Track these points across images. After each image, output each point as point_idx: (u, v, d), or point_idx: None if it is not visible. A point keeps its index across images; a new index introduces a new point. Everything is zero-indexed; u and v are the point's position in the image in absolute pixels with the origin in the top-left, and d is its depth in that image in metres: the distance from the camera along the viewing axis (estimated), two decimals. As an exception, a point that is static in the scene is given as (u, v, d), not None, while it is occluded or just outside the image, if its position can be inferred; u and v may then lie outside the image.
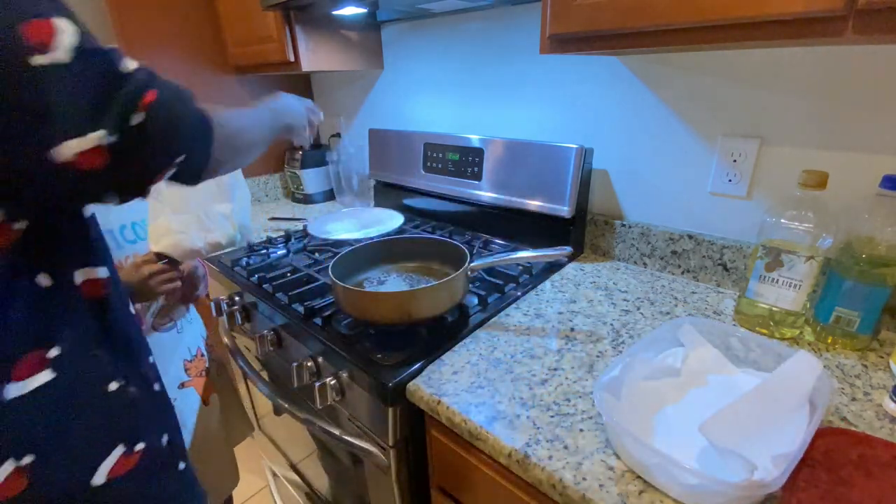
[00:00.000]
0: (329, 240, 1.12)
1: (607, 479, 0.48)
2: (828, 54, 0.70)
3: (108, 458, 0.47)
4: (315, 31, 1.23)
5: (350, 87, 1.58)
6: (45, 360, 0.42)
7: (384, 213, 1.30)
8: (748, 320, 0.74)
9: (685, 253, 0.92)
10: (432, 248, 0.90)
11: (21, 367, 0.40)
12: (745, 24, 0.52)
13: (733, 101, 0.81)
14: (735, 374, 0.61)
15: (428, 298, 0.71)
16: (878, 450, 0.47)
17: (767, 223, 0.68)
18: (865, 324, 0.65)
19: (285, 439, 1.18)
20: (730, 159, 0.83)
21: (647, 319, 0.78)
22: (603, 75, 0.96)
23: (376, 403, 0.68)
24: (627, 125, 0.96)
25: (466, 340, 0.73)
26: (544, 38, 0.70)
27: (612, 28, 0.61)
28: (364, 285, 0.85)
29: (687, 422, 0.54)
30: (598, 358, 0.68)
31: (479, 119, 1.23)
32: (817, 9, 0.46)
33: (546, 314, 0.81)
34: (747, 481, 0.42)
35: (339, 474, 0.95)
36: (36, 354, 0.41)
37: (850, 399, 0.58)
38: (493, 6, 1.06)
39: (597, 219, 1.03)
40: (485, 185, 1.12)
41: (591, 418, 0.57)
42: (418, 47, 1.30)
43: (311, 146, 1.64)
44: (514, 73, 1.11)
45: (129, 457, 0.48)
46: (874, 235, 0.63)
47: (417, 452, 0.73)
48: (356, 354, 0.70)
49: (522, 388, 0.62)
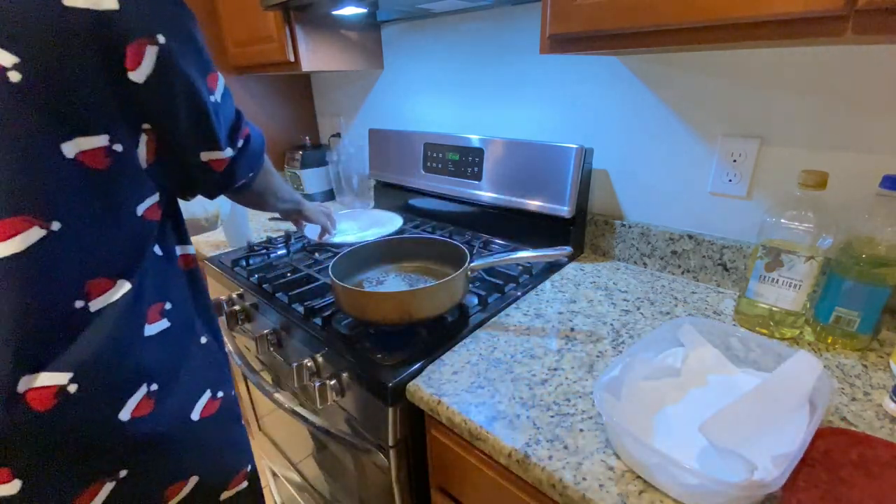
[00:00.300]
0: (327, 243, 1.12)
1: (607, 479, 0.48)
2: (828, 54, 0.70)
3: (201, 398, 0.57)
4: (315, 31, 1.23)
5: (350, 87, 1.58)
6: (163, 311, 0.54)
7: (383, 215, 1.29)
8: (748, 320, 0.74)
9: (685, 253, 0.92)
10: (432, 248, 0.90)
11: (151, 313, 0.52)
12: (746, 24, 0.52)
13: (733, 100, 0.81)
14: (735, 374, 0.61)
15: (428, 298, 0.71)
16: (878, 450, 0.47)
17: (767, 223, 0.68)
18: (865, 324, 0.65)
19: (285, 439, 1.18)
20: (730, 159, 0.83)
21: (647, 319, 0.78)
22: (603, 75, 0.96)
23: (376, 403, 0.68)
24: (627, 125, 0.96)
25: (466, 340, 0.73)
26: (544, 38, 0.70)
27: (613, 28, 0.61)
28: (364, 285, 0.85)
29: (687, 422, 0.54)
30: (598, 358, 0.68)
31: (479, 119, 1.23)
32: (817, 9, 0.46)
33: (546, 314, 0.81)
34: (747, 481, 0.42)
35: (339, 474, 0.95)
36: (158, 306, 0.53)
37: (850, 399, 0.58)
38: (493, 6, 1.06)
39: (597, 219, 1.03)
40: (485, 185, 1.12)
41: (591, 418, 0.57)
42: (418, 47, 1.30)
43: (311, 146, 1.64)
44: (514, 73, 1.11)
45: (214, 401, 0.59)
46: (874, 235, 0.63)
47: (417, 452, 0.73)
48: (356, 354, 0.70)
49: (522, 388, 0.62)
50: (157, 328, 0.52)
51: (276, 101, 1.68)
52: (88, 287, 0.46)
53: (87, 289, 0.46)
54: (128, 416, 0.49)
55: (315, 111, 1.80)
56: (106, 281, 0.47)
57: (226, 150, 0.56)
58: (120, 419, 0.48)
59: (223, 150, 0.55)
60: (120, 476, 0.50)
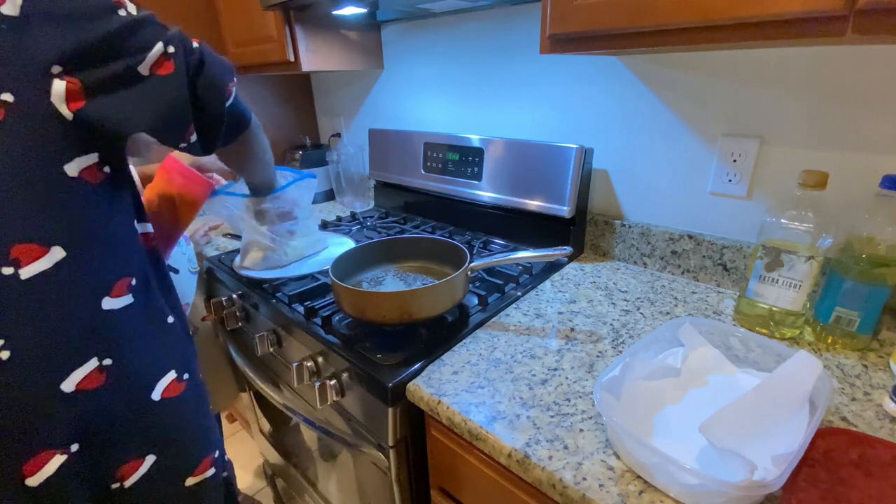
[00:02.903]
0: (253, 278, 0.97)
1: (607, 479, 0.48)
2: (828, 54, 0.70)
3: (163, 378, 0.56)
4: (315, 31, 1.23)
5: (350, 87, 1.58)
6: (130, 287, 0.53)
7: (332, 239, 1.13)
8: (748, 320, 0.74)
9: (685, 253, 0.92)
10: (432, 248, 0.90)
11: (117, 287, 0.52)
12: (746, 24, 0.52)
13: (733, 101, 0.81)
14: (735, 374, 0.61)
15: (428, 298, 0.71)
16: (878, 450, 0.47)
17: (767, 223, 0.68)
18: (865, 324, 0.65)
19: (285, 439, 1.18)
20: (730, 159, 0.83)
21: (647, 319, 0.78)
22: (603, 75, 0.96)
23: (376, 403, 0.68)
24: (627, 125, 0.96)
25: (466, 340, 0.73)
26: (544, 38, 0.69)
27: (612, 28, 0.61)
28: (364, 285, 0.85)
29: (687, 422, 0.54)
30: (598, 358, 0.68)
31: (479, 119, 1.23)
32: (817, 9, 0.46)
33: (546, 314, 0.81)
34: (747, 481, 0.42)
35: (339, 474, 0.95)
36: (125, 280, 0.53)
37: (850, 399, 0.58)
38: (493, 6, 1.06)
39: (597, 219, 1.03)
40: (485, 185, 1.12)
41: (591, 418, 0.57)
42: (418, 47, 1.30)
43: (311, 146, 1.64)
44: (514, 73, 1.11)
45: (179, 383, 0.58)
46: (874, 235, 0.63)
47: (417, 452, 0.73)
48: (356, 354, 0.70)
49: (522, 388, 0.62)
50: (119, 303, 0.52)
51: (276, 101, 1.68)
52: (14, 252, 0.45)
53: (13, 254, 0.45)
54: (72, 388, 0.48)
55: (315, 111, 1.80)
56: (36, 248, 0.46)
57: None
58: (62, 389, 0.48)
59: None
60: (71, 450, 0.49)
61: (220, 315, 1.01)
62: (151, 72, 0.49)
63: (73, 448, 0.50)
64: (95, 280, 0.50)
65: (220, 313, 1.00)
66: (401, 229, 1.21)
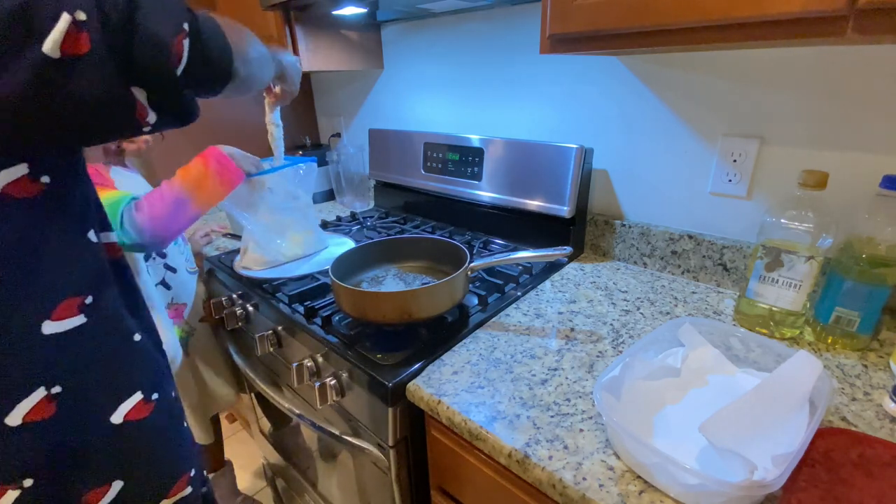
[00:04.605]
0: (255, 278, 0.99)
1: (607, 479, 0.48)
2: (828, 54, 0.70)
3: (127, 401, 0.52)
4: (315, 31, 1.23)
5: (350, 87, 1.58)
6: (81, 306, 0.47)
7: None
8: (748, 320, 0.74)
9: (685, 253, 0.92)
10: (432, 248, 0.90)
11: (60, 309, 0.46)
12: (746, 24, 0.52)
13: (733, 100, 0.81)
14: (735, 374, 0.61)
15: (428, 298, 0.71)
16: (878, 450, 0.47)
17: (767, 223, 0.68)
18: (865, 324, 0.65)
19: (285, 439, 1.18)
20: (730, 159, 0.83)
21: (647, 319, 0.78)
22: (603, 75, 0.96)
23: (376, 403, 0.68)
24: (627, 125, 0.96)
25: (466, 340, 0.73)
26: (544, 38, 0.70)
27: (613, 28, 0.61)
28: (364, 285, 0.85)
29: (687, 422, 0.54)
30: (598, 358, 0.68)
31: (479, 119, 1.23)
32: (818, 8, 0.46)
33: (546, 314, 0.81)
34: (747, 481, 0.42)
35: (339, 474, 0.95)
36: (74, 300, 0.47)
37: (850, 399, 0.58)
38: (493, 6, 1.06)
39: (597, 219, 1.03)
40: (485, 185, 1.12)
41: (591, 418, 0.57)
42: (418, 47, 1.30)
43: (311, 146, 1.64)
44: (514, 73, 1.11)
45: (147, 404, 0.54)
46: (874, 235, 0.63)
47: (417, 452, 0.73)
48: (356, 354, 0.70)
49: (522, 388, 0.62)
50: (65, 325, 0.46)
51: (276, 101, 1.68)
52: None
53: None
54: (17, 422, 0.45)
55: (315, 111, 1.80)
56: None
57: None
58: (7, 424, 0.44)
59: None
60: (24, 485, 0.46)
61: (220, 315, 1.01)
62: (63, 53, 0.36)
63: (27, 483, 0.46)
64: (33, 304, 0.45)
65: (221, 313, 1.00)
66: (401, 229, 1.21)
